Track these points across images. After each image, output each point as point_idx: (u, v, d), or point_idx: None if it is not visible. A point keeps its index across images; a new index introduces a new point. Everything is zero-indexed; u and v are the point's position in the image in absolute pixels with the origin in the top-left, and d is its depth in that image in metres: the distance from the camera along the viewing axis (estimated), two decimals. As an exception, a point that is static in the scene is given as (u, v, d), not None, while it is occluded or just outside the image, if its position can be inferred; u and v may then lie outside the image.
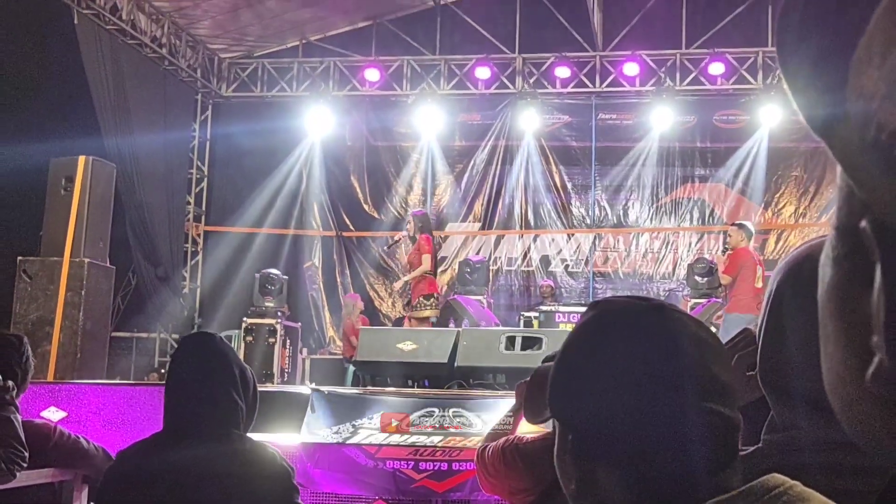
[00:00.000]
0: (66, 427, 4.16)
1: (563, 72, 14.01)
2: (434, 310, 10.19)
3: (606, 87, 14.11)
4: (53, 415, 6.41)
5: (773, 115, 13.15)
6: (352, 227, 15.16)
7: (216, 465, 2.79)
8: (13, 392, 3.52)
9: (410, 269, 10.34)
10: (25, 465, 3.46)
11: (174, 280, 14.15)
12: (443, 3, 14.49)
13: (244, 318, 11.23)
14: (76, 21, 11.96)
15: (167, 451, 2.83)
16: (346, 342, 12.38)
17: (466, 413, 6.86)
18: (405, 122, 14.79)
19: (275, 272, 11.77)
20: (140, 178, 12.82)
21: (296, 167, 14.83)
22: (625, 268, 14.42)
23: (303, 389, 7.58)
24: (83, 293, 8.87)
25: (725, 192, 14.17)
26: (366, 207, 15.12)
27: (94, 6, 12.12)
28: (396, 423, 6.81)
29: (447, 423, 6.82)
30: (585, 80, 14.12)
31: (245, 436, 2.93)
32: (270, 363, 10.75)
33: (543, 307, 12.05)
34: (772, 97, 12.98)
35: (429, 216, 11.85)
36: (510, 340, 8.19)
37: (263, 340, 10.93)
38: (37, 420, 4.40)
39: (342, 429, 6.89)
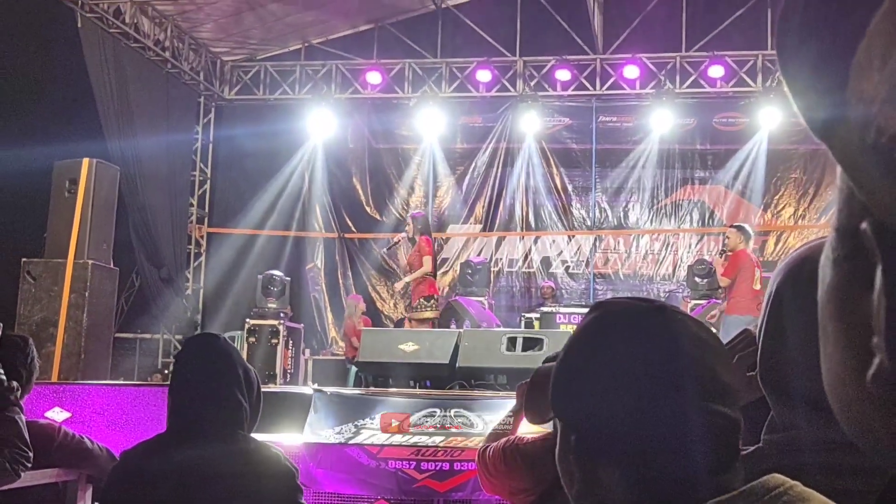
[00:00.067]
0: (71, 427, 4.12)
1: (564, 74, 13.99)
2: (434, 311, 10.16)
3: (607, 90, 14.08)
4: (58, 415, 6.40)
5: (773, 118, 13.13)
6: (354, 229, 15.15)
7: (220, 466, 2.79)
8: (17, 393, 3.51)
9: (410, 271, 10.31)
10: (30, 466, 3.44)
11: (177, 281, 14.11)
12: (444, 7, 14.47)
13: (247, 320, 11.22)
14: (80, 25, 11.95)
15: (171, 452, 2.83)
16: (347, 343, 12.38)
17: (468, 413, 6.86)
18: (407, 125, 14.78)
19: (277, 273, 11.76)
20: (143, 181, 12.81)
21: (298, 169, 14.82)
22: (625, 269, 14.41)
23: (305, 390, 7.62)
24: (87, 294, 8.86)
25: (725, 194, 14.16)
26: (367, 209, 15.12)
27: (98, 10, 12.13)
28: (397, 423, 6.83)
29: (449, 424, 6.83)
30: (586, 83, 14.09)
31: (249, 436, 2.93)
32: (273, 364, 10.73)
33: (544, 308, 11.95)
34: (771, 100, 12.96)
35: (428, 218, 11.87)
36: (511, 341, 8.19)
37: (266, 341, 10.91)
38: (41, 420, 4.37)
39: (344, 429, 6.90)
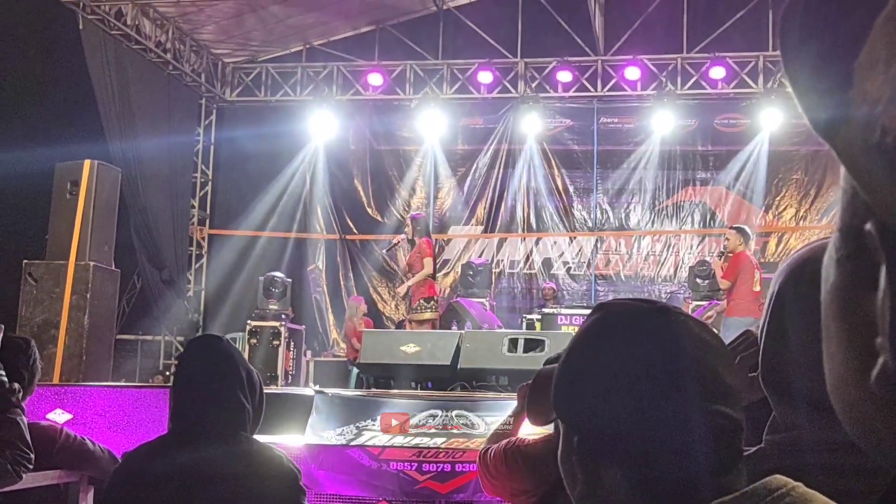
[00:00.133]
0: (72, 429, 4.11)
1: (565, 76, 14.00)
2: (434, 312, 10.17)
3: (608, 92, 14.09)
4: (59, 417, 6.40)
5: (774, 119, 13.13)
6: (355, 231, 15.15)
7: (223, 467, 2.78)
8: (19, 394, 3.51)
9: (410, 272, 10.32)
10: (31, 467, 3.43)
11: (179, 283, 14.12)
12: (445, 8, 14.48)
13: (248, 321, 11.20)
14: (81, 26, 11.97)
15: (174, 453, 2.82)
16: (348, 344, 12.38)
17: (469, 415, 6.87)
18: (408, 126, 14.78)
19: (279, 275, 11.74)
20: (144, 182, 12.81)
21: (299, 171, 14.82)
22: (626, 270, 14.41)
23: (307, 391, 7.62)
24: (88, 296, 8.84)
25: (726, 195, 14.15)
26: (369, 211, 15.12)
27: (100, 12, 12.14)
28: (397, 423, 6.84)
29: (450, 425, 6.85)
30: (587, 85, 14.09)
31: (252, 438, 2.92)
32: (274, 365, 10.72)
33: (545, 309, 11.95)
34: (772, 101, 12.97)
35: (428, 219, 11.87)
36: (513, 342, 8.18)
37: (267, 343, 10.89)
38: (43, 422, 4.37)
39: (346, 430, 6.91)
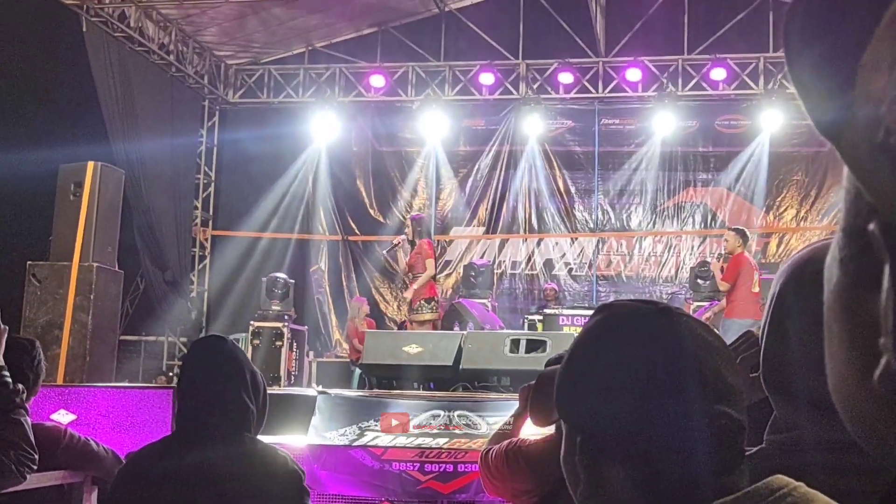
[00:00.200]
0: (76, 430, 4.09)
1: (567, 77, 14.02)
2: (434, 313, 10.19)
3: (609, 93, 14.11)
4: (63, 417, 6.40)
5: (775, 120, 13.13)
6: (357, 232, 15.17)
7: (227, 468, 2.80)
8: (23, 395, 3.52)
9: (410, 273, 10.36)
10: (35, 468, 3.44)
11: (182, 284, 14.17)
12: (447, 11, 14.51)
13: (251, 322, 11.20)
14: (84, 29, 12.01)
15: (178, 454, 2.84)
16: (350, 345, 12.42)
17: (471, 415, 6.87)
18: (410, 128, 14.80)
19: (281, 276, 11.75)
20: (148, 184, 12.84)
21: (302, 172, 14.84)
22: (628, 271, 14.43)
23: (309, 392, 7.64)
24: (92, 297, 8.79)
25: (727, 196, 14.16)
26: (371, 212, 15.14)
27: (103, 14, 12.18)
28: (397, 423, 6.87)
29: (452, 425, 6.88)
30: (588, 86, 14.11)
31: (256, 438, 2.94)
32: (277, 366, 10.70)
33: (547, 310, 11.94)
34: (773, 102, 12.98)
35: (427, 220, 11.91)
36: (514, 343, 8.17)
37: (270, 343, 10.88)
38: (47, 423, 4.35)
39: (348, 431, 6.92)
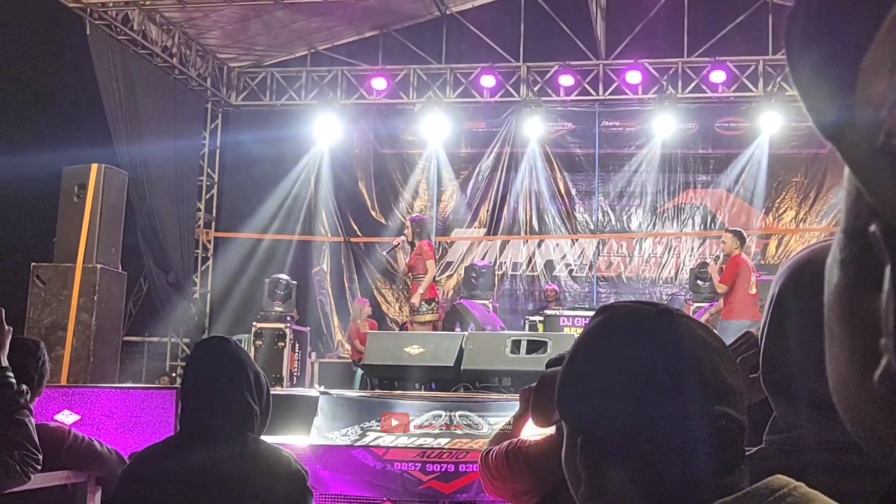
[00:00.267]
0: (80, 430, 4.08)
1: (567, 80, 14.06)
2: (435, 314, 10.25)
3: (609, 95, 14.14)
4: (67, 418, 6.42)
5: (774, 122, 13.17)
6: (359, 233, 15.22)
7: (231, 468, 2.81)
8: (27, 396, 3.55)
9: (411, 274, 10.43)
10: (39, 468, 3.47)
11: (185, 285, 14.21)
12: (448, 13, 14.55)
13: (254, 323, 11.24)
14: (88, 32, 12.07)
15: (182, 454, 2.85)
16: (352, 346, 12.48)
17: (473, 415, 6.91)
18: (412, 130, 14.84)
19: (284, 277, 11.80)
20: (151, 186, 12.89)
21: (304, 174, 14.89)
22: (628, 272, 14.45)
23: (312, 392, 7.67)
24: (96, 298, 8.82)
25: (727, 198, 14.19)
26: (373, 214, 15.19)
27: (106, 17, 12.23)
28: (397, 423, 6.92)
29: (454, 426, 6.93)
30: (589, 88, 14.14)
31: (259, 439, 2.95)
32: (280, 367, 10.73)
33: (548, 311, 12.00)
34: (772, 104, 13.02)
35: (427, 221, 11.95)
36: (515, 344, 8.19)
37: (272, 344, 10.92)
38: (51, 423, 4.36)
39: (350, 431, 6.95)
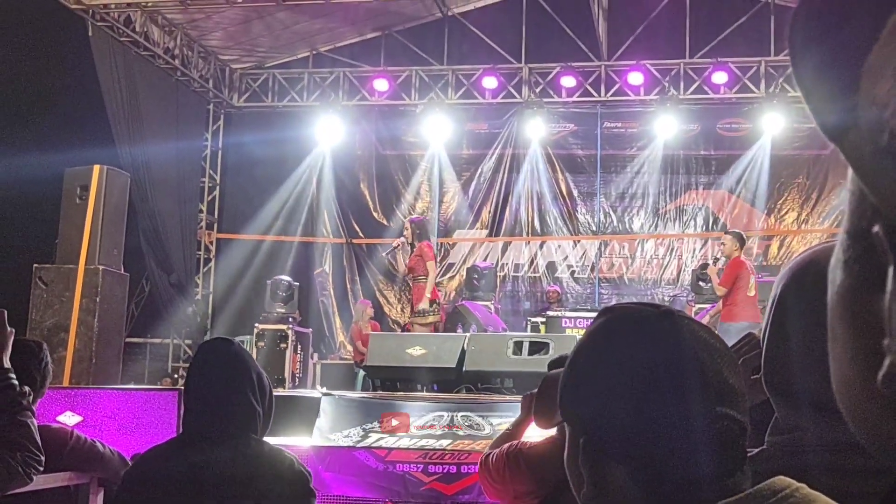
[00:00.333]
0: (82, 431, 4.07)
1: (569, 81, 14.05)
2: (436, 315, 10.29)
3: (611, 97, 14.13)
4: (69, 419, 6.42)
5: (776, 123, 13.16)
6: (361, 235, 15.22)
7: (234, 469, 2.81)
8: (30, 397, 3.55)
9: (411, 275, 10.46)
10: (42, 469, 3.47)
11: (187, 287, 14.22)
12: (450, 15, 14.53)
13: (256, 324, 11.24)
14: (90, 33, 12.07)
15: (185, 455, 2.85)
16: (354, 347, 12.49)
17: (475, 417, 6.94)
18: (413, 131, 14.84)
19: (286, 279, 11.80)
20: (153, 187, 12.90)
21: (306, 175, 14.89)
22: (630, 274, 14.44)
23: (314, 394, 7.71)
24: (98, 300, 8.82)
25: (729, 199, 14.18)
26: (375, 215, 15.19)
27: (109, 19, 12.24)
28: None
29: (456, 427, 6.93)
30: (591, 90, 14.14)
31: (262, 440, 2.95)
32: (282, 368, 10.71)
33: (550, 312, 12.00)
34: (774, 105, 13.01)
35: (426, 223, 11.96)
36: (517, 345, 8.21)
37: (274, 346, 10.92)
38: (53, 425, 4.37)
39: (352, 432, 6.98)
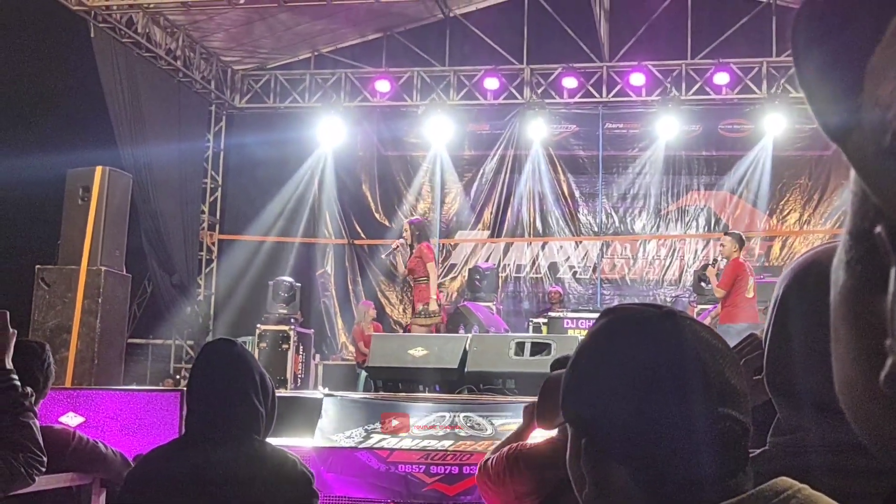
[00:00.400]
0: (84, 432, 4.09)
1: (571, 82, 14.06)
2: (437, 317, 10.31)
3: (613, 97, 14.14)
4: (72, 420, 6.43)
5: (778, 124, 13.17)
6: (363, 236, 15.23)
7: (237, 470, 2.81)
8: (32, 398, 3.56)
9: (411, 277, 10.48)
10: (44, 470, 3.47)
11: (189, 288, 14.23)
12: (452, 16, 14.53)
13: (258, 325, 11.27)
14: (93, 35, 12.09)
15: (187, 456, 2.86)
16: (356, 348, 12.51)
17: (477, 417, 6.94)
18: (415, 133, 14.85)
19: (288, 279, 11.83)
20: (155, 188, 12.92)
21: (308, 177, 14.90)
22: (632, 274, 14.44)
23: (316, 395, 7.72)
24: (100, 301, 8.83)
25: (730, 200, 14.17)
26: (377, 216, 15.20)
27: (111, 20, 12.26)
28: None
29: (458, 428, 6.93)
30: (592, 91, 14.15)
31: (265, 441, 2.95)
32: (284, 369, 10.73)
33: (552, 313, 12.03)
34: (776, 106, 13.01)
35: (425, 224, 11.97)
36: (519, 346, 8.21)
37: (276, 346, 10.94)
38: (56, 426, 4.38)
39: (354, 433, 6.98)
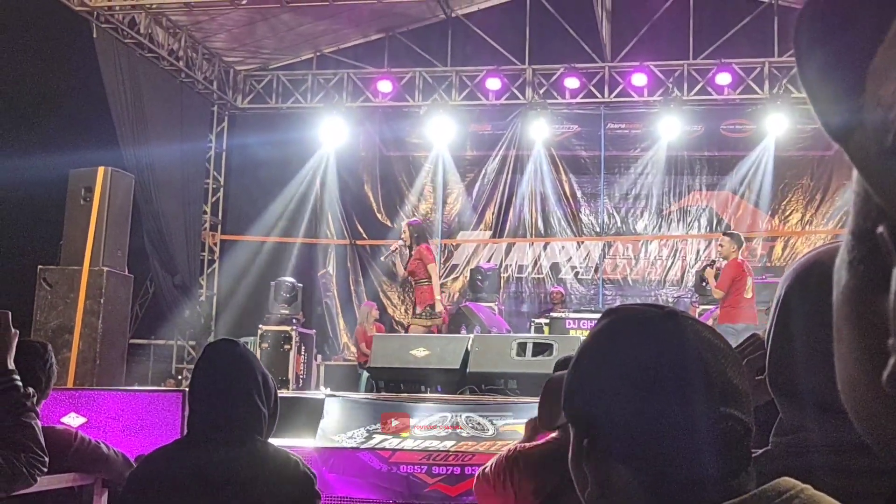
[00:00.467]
0: (86, 433, 4.10)
1: (573, 82, 14.07)
2: (438, 318, 10.35)
3: (615, 98, 14.15)
4: (74, 420, 6.43)
5: (780, 125, 13.17)
6: (365, 236, 15.23)
7: (239, 471, 2.81)
8: (34, 398, 3.56)
9: (412, 278, 10.51)
10: (46, 470, 3.48)
11: (191, 288, 14.25)
12: (454, 16, 14.55)
13: (260, 325, 11.25)
14: (95, 35, 12.11)
15: (190, 456, 2.85)
16: (358, 348, 12.52)
17: (478, 418, 6.94)
18: (417, 133, 14.86)
19: (290, 280, 11.83)
20: (157, 189, 12.94)
21: (310, 177, 14.91)
22: (634, 275, 14.43)
23: (317, 395, 7.71)
24: (102, 301, 8.81)
25: (732, 200, 14.17)
26: (379, 216, 15.20)
27: (113, 20, 12.28)
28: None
29: (459, 429, 6.93)
30: (594, 91, 14.15)
31: (267, 442, 2.95)
32: (286, 369, 10.71)
33: (554, 314, 12.01)
34: (778, 106, 13.01)
35: (424, 225, 11.97)
36: (521, 346, 8.19)
37: (279, 347, 10.93)
38: (58, 426, 4.37)
39: (356, 434, 6.97)
